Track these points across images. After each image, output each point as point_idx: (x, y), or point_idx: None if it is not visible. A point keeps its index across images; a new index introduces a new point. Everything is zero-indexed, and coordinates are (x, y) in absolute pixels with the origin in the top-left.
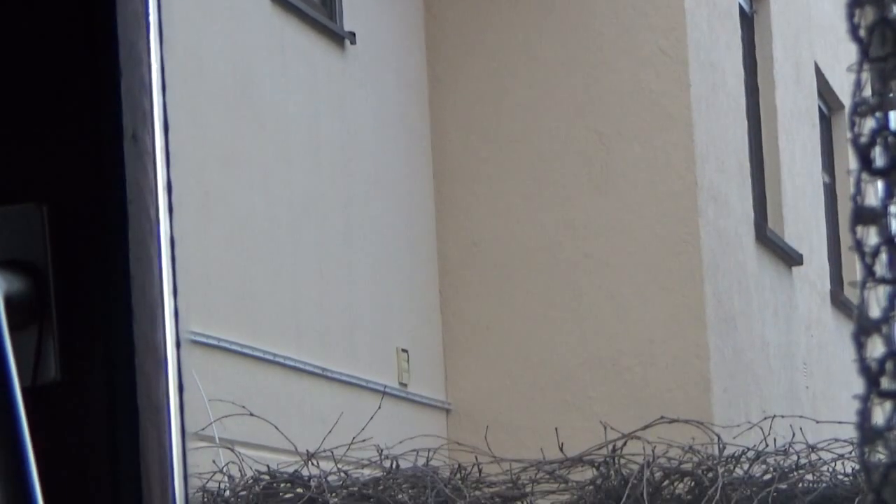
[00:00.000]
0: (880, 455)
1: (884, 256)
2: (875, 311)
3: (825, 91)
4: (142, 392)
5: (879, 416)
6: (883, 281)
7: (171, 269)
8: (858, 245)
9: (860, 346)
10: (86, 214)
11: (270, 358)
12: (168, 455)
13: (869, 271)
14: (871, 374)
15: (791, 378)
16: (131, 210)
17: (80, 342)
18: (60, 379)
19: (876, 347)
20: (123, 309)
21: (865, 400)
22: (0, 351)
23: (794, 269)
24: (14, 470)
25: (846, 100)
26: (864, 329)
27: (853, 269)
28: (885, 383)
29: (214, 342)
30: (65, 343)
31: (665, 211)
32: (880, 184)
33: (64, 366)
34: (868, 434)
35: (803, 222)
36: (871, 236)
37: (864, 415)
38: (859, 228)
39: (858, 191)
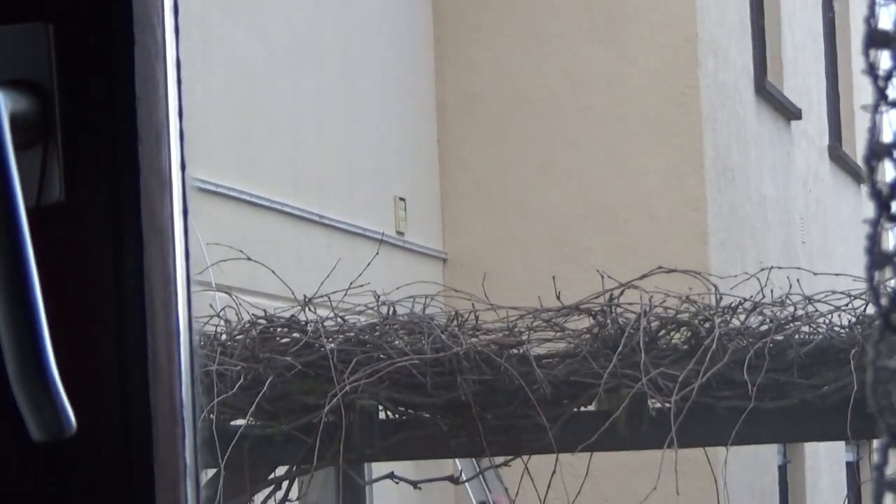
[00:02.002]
0: (889, 280)
1: None
2: (887, 136)
3: None
4: (146, 214)
5: (889, 240)
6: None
7: (177, 91)
8: (871, 68)
9: (871, 169)
10: (92, 34)
11: (268, 204)
12: (172, 277)
13: (882, 95)
14: (881, 198)
15: (788, 233)
16: (137, 30)
17: (85, 163)
18: (65, 200)
19: (887, 171)
20: (128, 130)
21: (875, 224)
22: (5, 171)
23: (793, 123)
24: (18, 290)
25: None
26: (875, 153)
27: (851, 124)
28: (895, 207)
29: (212, 188)
30: (69, 164)
31: (665, 63)
32: (895, 7)
33: (68, 187)
34: (877, 258)
35: (802, 77)
36: (885, 60)
37: (874, 239)
38: (872, 52)
39: (872, 13)
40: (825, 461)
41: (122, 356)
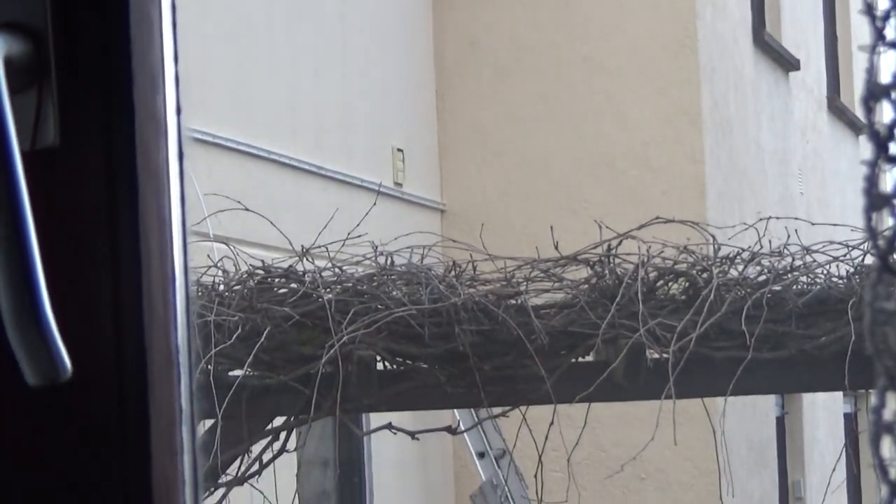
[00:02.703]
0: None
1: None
2: (884, 77)
3: None
4: (141, 157)
5: (886, 182)
6: (894, 45)
7: (172, 35)
8: (869, 8)
9: (868, 110)
10: None
11: (265, 155)
12: (167, 220)
13: (879, 35)
14: (879, 139)
15: (786, 184)
16: None
17: (80, 106)
18: (59, 143)
19: (885, 112)
20: (123, 73)
21: (873, 165)
22: None
23: (791, 74)
24: (13, 234)
25: None
26: (872, 94)
27: (850, 75)
28: (892, 148)
29: (210, 138)
30: (64, 107)
31: (663, 13)
32: None
33: (63, 130)
34: (875, 200)
35: (801, 27)
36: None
37: (871, 180)
38: None
39: None
40: (823, 412)
41: (117, 300)
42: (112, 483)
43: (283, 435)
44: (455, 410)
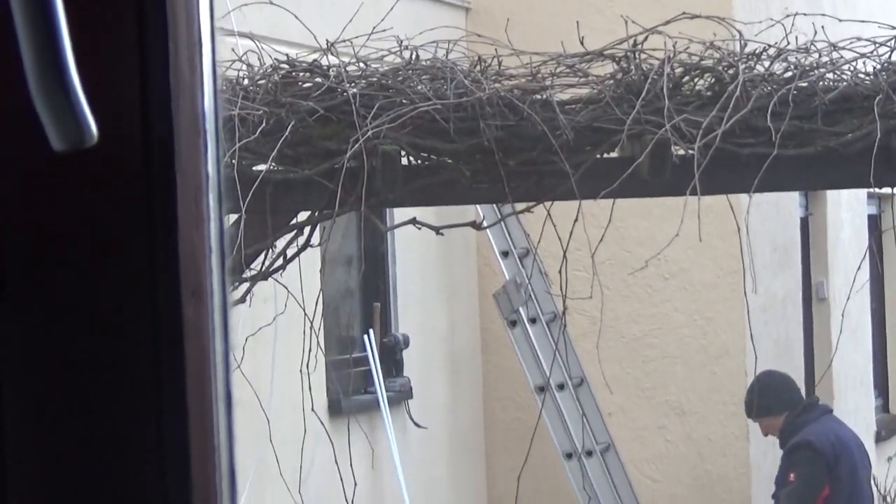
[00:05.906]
0: None
1: None
2: None
3: None
4: None
5: None
6: None
7: None
8: None
9: None
10: None
11: None
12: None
13: None
14: None
15: None
16: None
17: None
18: None
19: None
20: None
21: None
22: None
23: None
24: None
25: None
26: None
27: None
28: None
29: None
30: None
31: None
32: None
33: None
34: None
35: None
36: None
37: None
38: None
39: None
40: (847, 213)
41: (142, 62)
42: (139, 251)
43: (307, 230)
44: (479, 206)
